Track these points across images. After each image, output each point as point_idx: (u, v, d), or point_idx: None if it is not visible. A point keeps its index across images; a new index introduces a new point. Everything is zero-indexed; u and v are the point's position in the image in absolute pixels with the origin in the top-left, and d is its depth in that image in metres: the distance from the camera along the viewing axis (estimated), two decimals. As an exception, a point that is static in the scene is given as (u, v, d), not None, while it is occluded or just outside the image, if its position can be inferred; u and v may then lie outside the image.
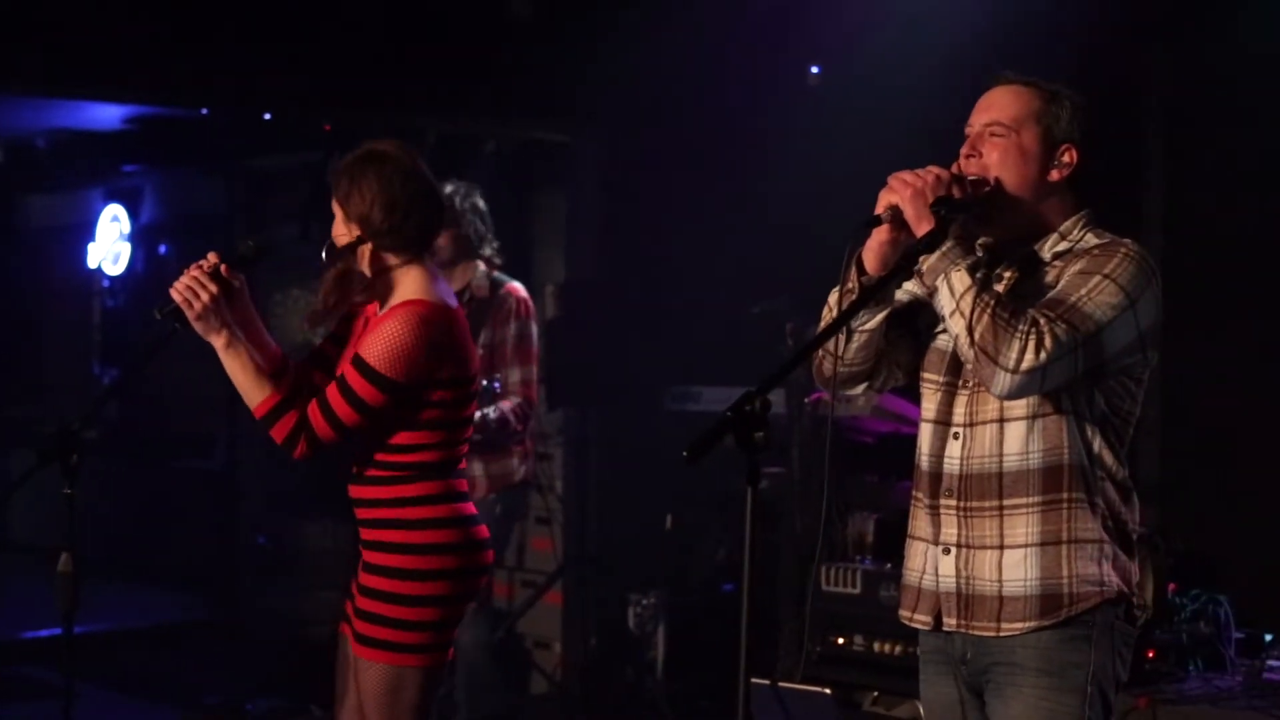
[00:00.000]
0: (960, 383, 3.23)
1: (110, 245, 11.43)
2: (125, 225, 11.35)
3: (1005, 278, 3.21)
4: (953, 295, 3.04)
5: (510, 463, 5.98)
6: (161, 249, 11.14)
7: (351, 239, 3.89)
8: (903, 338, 3.33)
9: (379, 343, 3.77)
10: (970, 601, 3.18)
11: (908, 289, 3.31)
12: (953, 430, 3.22)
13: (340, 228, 3.92)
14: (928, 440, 3.28)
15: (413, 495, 3.87)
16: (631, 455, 7.51)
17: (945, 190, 3.09)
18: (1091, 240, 3.20)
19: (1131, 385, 3.19)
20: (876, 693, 5.56)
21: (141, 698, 7.77)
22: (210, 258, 3.81)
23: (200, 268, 3.79)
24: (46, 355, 12.18)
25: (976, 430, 3.19)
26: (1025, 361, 2.98)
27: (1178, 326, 3.85)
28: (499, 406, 5.76)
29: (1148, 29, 6.22)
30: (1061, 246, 3.21)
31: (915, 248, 3.09)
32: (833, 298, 3.25)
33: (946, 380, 3.25)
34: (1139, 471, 4.36)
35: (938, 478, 3.24)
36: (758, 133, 7.11)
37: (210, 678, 7.91)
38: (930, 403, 3.29)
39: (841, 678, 5.49)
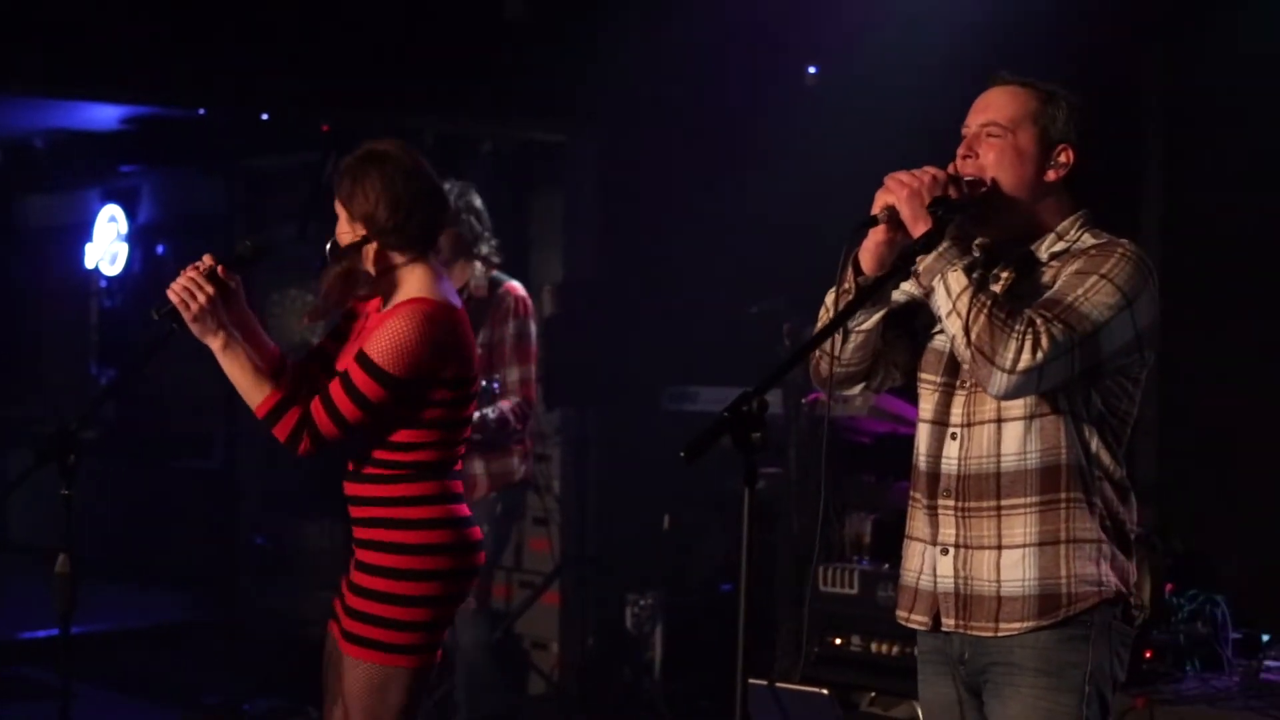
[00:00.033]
0: (957, 383, 3.23)
1: (108, 245, 11.43)
2: (123, 225, 11.35)
3: (1002, 278, 3.21)
4: (949, 295, 3.04)
5: (511, 462, 5.99)
6: (159, 249, 11.14)
7: (356, 238, 3.88)
8: (900, 338, 3.33)
9: (384, 339, 3.77)
10: (968, 602, 3.18)
11: (905, 289, 3.31)
12: (950, 430, 3.22)
13: (344, 228, 3.91)
14: (925, 441, 3.28)
15: (408, 495, 3.86)
16: (629, 455, 7.51)
17: (942, 191, 3.09)
18: (1088, 240, 3.20)
19: (1129, 385, 3.19)
20: (874, 693, 5.56)
21: (140, 698, 7.77)
22: (206, 259, 3.81)
23: (196, 269, 3.79)
24: (44, 355, 12.18)
25: (974, 430, 3.19)
26: (1022, 361, 2.98)
27: (1175, 326, 3.87)
28: (498, 406, 5.76)
29: (1147, 29, 6.22)
30: (1059, 247, 3.21)
31: (912, 248, 3.09)
32: (829, 298, 3.25)
33: (944, 381, 3.25)
34: (1136, 472, 4.35)
35: (935, 478, 3.24)
36: (755, 133, 7.11)
37: (208, 678, 7.91)
38: (927, 403, 3.29)
39: (839, 678, 5.49)
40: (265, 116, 7.90)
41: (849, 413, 5.96)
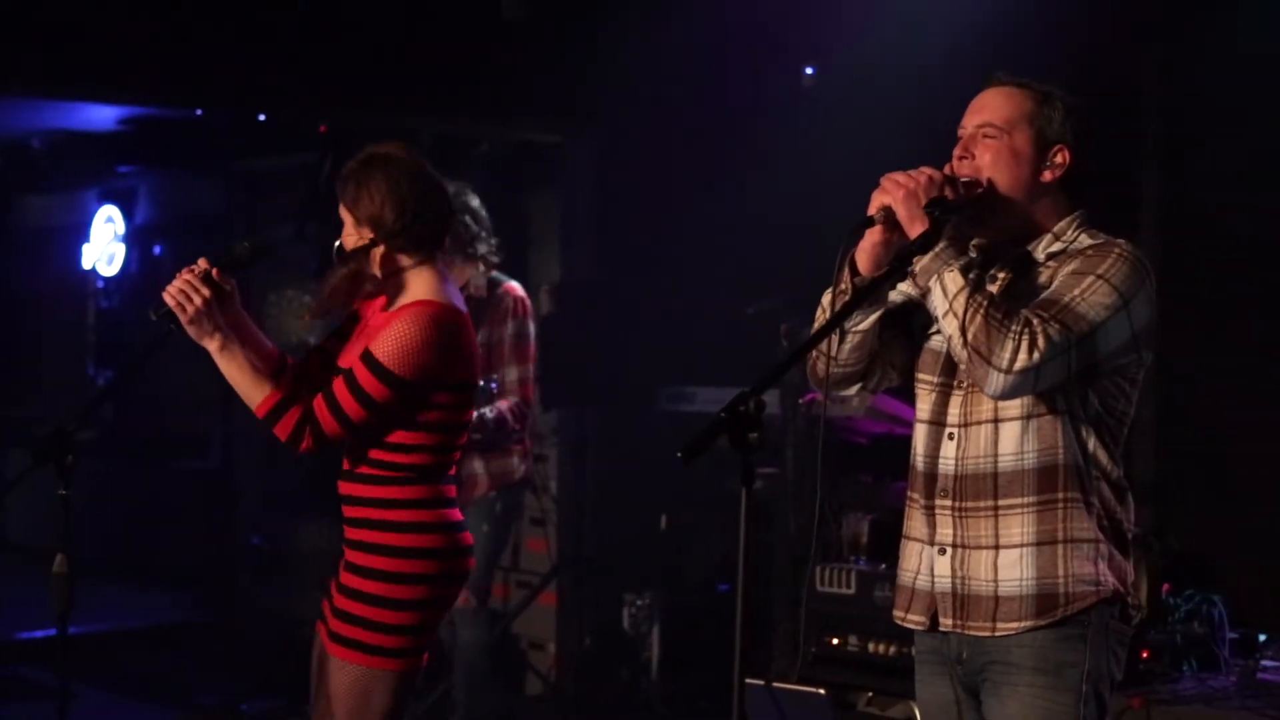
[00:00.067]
0: (955, 383, 3.23)
1: (105, 246, 11.42)
2: (120, 226, 11.34)
3: (999, 279, 3.21)
4: (946, 296, 3.04)
5: (510, 461, 5.99)
6: (156, 250, 11.13)
7: (363, 242, 3.87)
8: (897, 338, 3.33)
9: (390, 340, 3.77)
10: (966, 601, 3.19)
11: (902, 290, 3.31)
12: (947, 431, 3.22)
13: (350, 232, 3.90)
14: (923, 441, 3.28)
15: (401, 498, 3.86)
16: (626, 456, 7.51)
17: (938, 191, 3.09)
18: (1085, 240, 3.20)
19: (1126, 385, 3.19)
20: (871, 693, 5.56)
21: (137, 698, 7.76)
22: (201, 263, 3.81)
23: (192, 272, 3.79)
24: (42, 356, 12.17)
25: (971, 431, 3.19)
26: (1018, 362, 2.98)
27: (1173, 327, 3.86)
28: (496, 406, 5.77)
29: (1145, 29, 6.22)
30: (1055, 247, 3.21)
31: (909, 249, 3.09)
32: (826, 299, 3.25)
33: (941, 381, 3.25)
34: (1134, 472, 4.35)
35: (933, 478, 3.24)
36: (753, 133, 7.11)
37: (206, 678, 7.90)
38: (925, 403, 3.29)
39: (836, 678, 5.50)
40: (263, 117, 7.90)
41: (846, 413, 5.96)
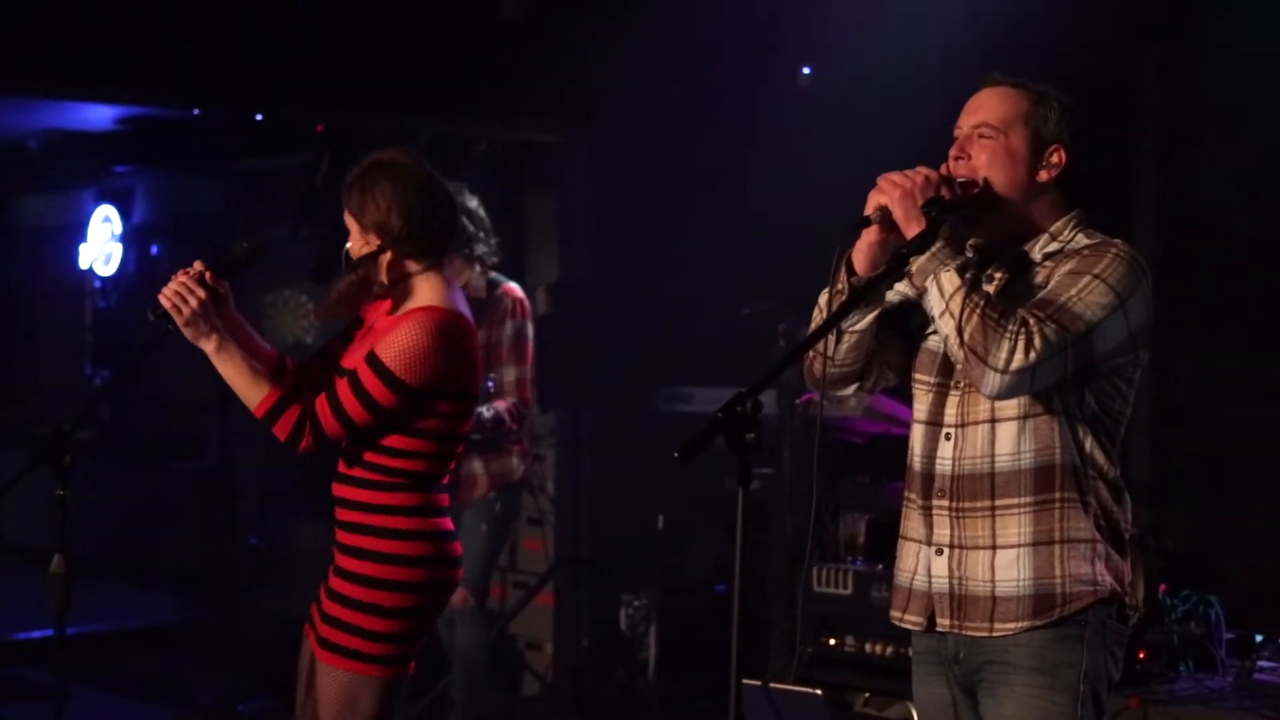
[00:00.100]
0: (952, 383, 3.23)
1: (102, 246, 11.42)
2: (117, 226, 11.34)
3: (996, 279, 3.21)
4: (942, 296, 3.05)
5: (510, 461, 6.00)
6: (153, 250, 11.13)
7: (371, 249, 3.87)
8: (894, 338, 3.33)
9: (396, 345, 3.77)
10: (963, 602, 3.19)
11: (899, 290, 3.31)
12: (944, 431, 3.23)
13: (356, 239, 3.89)
14: (919, 441, 3.28)
15: (393, 504, 3.85)
16: (624, 456, 7.51)
17: (935, 191, 3.09)
18: (1082, 240, 3.20)
19: (1122, 385, 3.19)
20: (868, 693, 5.57)
21: (135, 698, 7.75)
22: (196, 265, 3.81)
23: (187, 274, 3.79)
24: (39, 356, 12.17)
25: (968, 431, 3.19)
26: (1015, 362, 2.98)
27: (1170, 327, 3.86)
28: (494, 406, 5.77)
29: (1144, 29, 6.22)
30: (1052, 247, 3.21)
31: (905, 249, 3.09)
32: (823, 299, 3.25)
33: (938, 381, 3.25)
34: (1131, 472, 4.34)
35: (930, 478, 3.24)
36: (750, 133, 7.11)
37: (204, 678, 7.89)
38: (922, 404, 3.29)
39: (833, 678, 5.50)
40: (260, 117, 7.89)
41: (843, 413, 5.96)
